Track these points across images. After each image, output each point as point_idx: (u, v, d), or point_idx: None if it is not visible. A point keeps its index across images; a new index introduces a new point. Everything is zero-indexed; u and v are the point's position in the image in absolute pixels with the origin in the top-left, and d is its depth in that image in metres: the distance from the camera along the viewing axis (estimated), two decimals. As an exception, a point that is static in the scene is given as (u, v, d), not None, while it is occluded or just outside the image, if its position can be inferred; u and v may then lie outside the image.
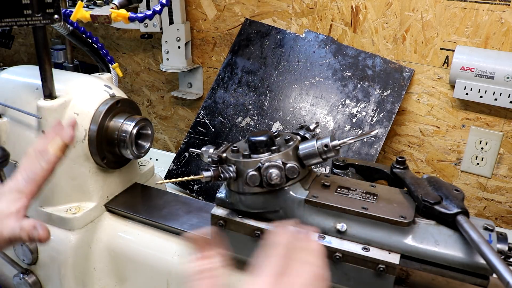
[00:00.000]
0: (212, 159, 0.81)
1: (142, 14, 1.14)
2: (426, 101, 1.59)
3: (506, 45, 1.43)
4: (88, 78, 1.08)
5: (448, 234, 0.73)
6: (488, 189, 1.60)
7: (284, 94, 1.66)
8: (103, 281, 1.05)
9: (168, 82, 2.08)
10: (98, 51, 1.34)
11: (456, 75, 1.47)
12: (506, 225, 1.62)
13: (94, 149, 0.99)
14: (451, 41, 1.50)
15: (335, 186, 0.82)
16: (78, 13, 1.10)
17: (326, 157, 0.77)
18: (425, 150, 1.66)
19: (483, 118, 1.53)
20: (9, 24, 0.86)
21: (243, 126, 1.69)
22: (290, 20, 1.73)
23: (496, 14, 1.40)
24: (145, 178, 1.19)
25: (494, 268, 0.62)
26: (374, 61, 1.58)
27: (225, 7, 1.82)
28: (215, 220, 0.84)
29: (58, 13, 0.89)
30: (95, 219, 1.04)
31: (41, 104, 0.95)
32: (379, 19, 1.57)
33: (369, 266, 0.74)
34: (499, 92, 1.42)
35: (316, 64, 1.64)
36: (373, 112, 1.54)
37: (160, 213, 1.03)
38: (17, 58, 2.40)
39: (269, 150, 0.78)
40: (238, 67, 1.75)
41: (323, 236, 0.78)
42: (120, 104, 1.04)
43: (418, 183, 0.80)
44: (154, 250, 1.00)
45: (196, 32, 1.91)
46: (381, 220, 0.74)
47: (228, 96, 1.74)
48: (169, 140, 2.20)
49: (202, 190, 1.68)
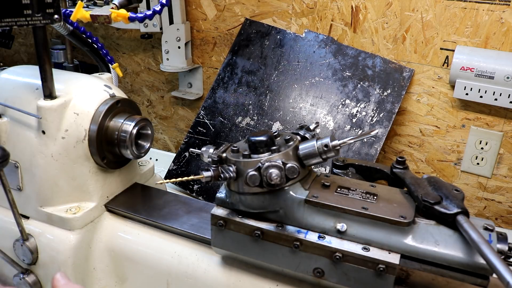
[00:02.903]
0: (212, 159, 0.81)
1: (142, 14, 1.14)
2: (426, 101, 1.59)
3: (506, 45, 1.43)
4: (88, 78, 1.08)
5: (448, 234, 0.73)
6: (488, 189, 1.60)
7: (284, 94, 1.66)
8: (103, 281, 1.05)
9: (168, 82, 2.08)
10: (98, 51, 1.34)
11: (456, 75, 1.47)
12: (506, 225, 1.62)
13: (94, 149, 0.99)
14: (451, 41, 1.50)
15: (335, 186, 0.82)
16: (78, 13, 1.10)
17: (326, 157, 0.77)
18: (425, 150, 1.66)
19: (483, 118, 1.53)
20: (9, 24, 0.86)
21: (243, 126, 1.69)
22: (290, 20, 1.73)
23: (496, 14, 1.40)
24: (145, 178, 1.19)
25: (494, 268, 0.62)
26: (374, 61, 1.58)
27: (225, 7, 1.82)
28: (215, 220, 0.84)
29: (58, 13, 0.89)
30: (95, 219, 1.04)
31: (41, 104, 0.95)
32: (379, 19, 1.57)
33: (369, 266, 0.74)
34: (499, 92, 1.42)
35: (316, 64, 1.64)
36: (373, 112, 1.54)
37: (160, 213, 1.03)
38: (17, 58, 2.40)
39: (269, 150, 0.78)
40: (238, 67, 1.75)
41: (323, 236, 0.78)
42: (120, 104, 1.04)
43: (418, 183, 0.80)
44: (154, 250, 1.00)
45: (196, 32, 1.91)
46: (381, 220, 0.74)
47: (228, 96, 1.74)
48: (169, 140, 2.20)
49: (202, 190, 1.68)
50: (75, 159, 0.99)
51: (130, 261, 1.02)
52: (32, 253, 1.01)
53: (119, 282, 1.05)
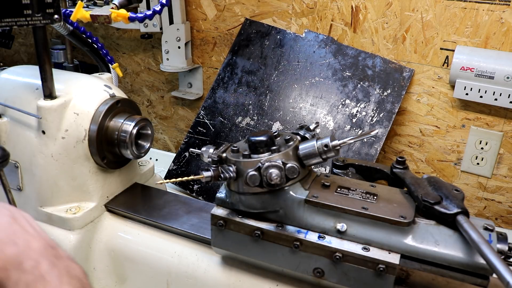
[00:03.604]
0: (212, 159, 0.81)
1: (142, 14, 1.14)
2: (426, 101, 1.59)
3: (506, 45, 1.43)
4: (88, 78, 1.08)
5: (448, 234, 0.73)
6: (488, 189, 1.60)
7: (284, 94, 1.66)
8: (103, 281, 1.05)
9: (168, 82, 2.08)
10: (98, 51, 1.34)
11: (456, 75, 1.47)
12: (506, 225, 1.62)
13: (94, 149, 0.99)
14: (451, 41, 1.50)
15: (335, 186, 0.82)
16: (78, 13, 1.10)
17: (326, 157, 0.77)
18: (425, 150, 1.66)
19: (483, 118, 1.53)
20: (9, 24, 0.86)
21: (243, 126, 1.69)
22: (290, 20, 1.73)
23: (496, 14, 1.40)
24: (145, 178, 1.19)
25: (494, 268, 0.62)
26: (374, 61, 1.58)
27: (225, 7, 1.82)
28: (215, 220, 0.84)
29: (58, 13, 0.89)
30: (95, 219, 1.04)
31: (41, 104, 0.95)
32: (379, 19, 1.57)
33: (369, 266, 0.74)
34: (499, 92, 1.42)
35: (316, 64, 1.64)
36: (373, 112, 1.54)
37: (160, 213, 1.03)
38: (17, 58, 2.40)
39: (269, 150, 0.78)
40: (238, 67, 1.75)
41: (323, 236, 0.78)
42: (120, 104, 1.04)
43: (418, 183, 0.80)
44: (154, 250, 1.00)
45: (196, 32, 1.91)
46: (381, 220, 0.74)
47: (228, 96, 1.74)
48: (169, 140, 2.20)
49: (202, 190, 1.68)
50: (75, 159, 0.99)
51: (130, 261, 1.02)
52: (32, 253, 1.01)
53: (119, 282, 1.05)
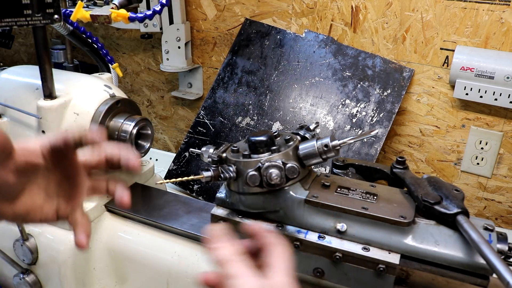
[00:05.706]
0: (212, 159, 0.81)
1: (142, 14, 1.14)
2: (426, 101, 1.59)
3: (506, 45, 1.43)
4: (88, 78, 1.08)
5: (448, 234, 0.73)
6: (488, 189, 1.60)
7: (284, 94, 1.66)
8: (103, 281, 1.05)
9: (168, 82, 2.08)
10: (98, 51, 1.34)
11: (456, 75, 1.47)
12: (506, 225, 1.62)
13: (94, 149, 0.99)
14: (451, 41, 1.50)
15: (335, 186, 0.82)
16: (78, 13, 1.10)
17: (326, 157, 0.77)
18: (425, 150, 1.66)
19: (483, 118, 1.53)
20: (9, 24, 0.86)
21: (243, 126, 1.69)
22: (290, 20, 1.73)
23: (496, 14, 1.40)
24: (145, 178, 1.19)
25: (494, 268, 0.62)
26: (374, 61, 1.58)
27: (225, 7, 1.82)
28: (215, 220, 0.84)
29: (58, 13, 0.89)
30: (95, 219, 1.04)
31: (41, 104, 0.95)
32: (379, 19, 1.57)
33: (369, 266, 0.74)
34: (499, 92, 1.42)
35: (316, 64, 1.64)
36: (373, 112, 1.54)
37: (160, 213, 1.03)
38: (17, 58, 2.40)
39: (269, 150, 0.78)
40: (238, 67, 1.75)
41: (323, 236, 0.78)
42: (120, 104, 1.04)
43: (418, 183, 0.80)
44: (154, 250, 1.00)
45: (196, 32, 1.91)
46: (381, 220, 0.74)
47: (228, 96, 1.74)
48: (169, 140, 2.20)
49: (202, 190, 1.68)
50: (75, 159, 0.99)
51: (130, 261, 1.02)
52: (32, 253, 1.01)
53: (119, 282, 1.05)
